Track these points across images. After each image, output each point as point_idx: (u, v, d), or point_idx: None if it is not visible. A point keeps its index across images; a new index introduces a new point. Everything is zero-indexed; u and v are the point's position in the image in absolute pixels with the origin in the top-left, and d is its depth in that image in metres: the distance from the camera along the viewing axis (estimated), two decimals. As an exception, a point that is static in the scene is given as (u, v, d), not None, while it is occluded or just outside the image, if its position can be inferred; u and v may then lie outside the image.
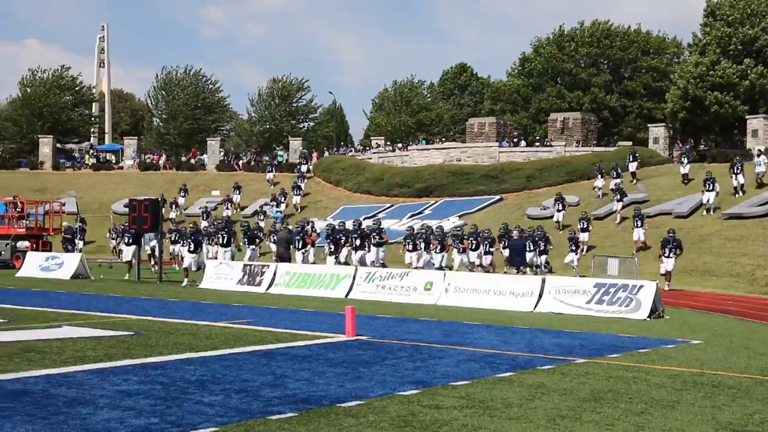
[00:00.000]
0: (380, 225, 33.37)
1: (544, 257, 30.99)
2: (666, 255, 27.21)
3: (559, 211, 40.78)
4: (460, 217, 45.40)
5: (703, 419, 8.35)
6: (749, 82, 51.87)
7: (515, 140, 59.83)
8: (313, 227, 36.55)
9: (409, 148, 62.14)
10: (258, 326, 15.78)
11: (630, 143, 58.11)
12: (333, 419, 7.88)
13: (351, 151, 68.86)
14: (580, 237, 34.56)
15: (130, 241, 31.04)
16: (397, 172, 55.52)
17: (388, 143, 66.70)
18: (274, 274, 26.13)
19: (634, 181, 43.78)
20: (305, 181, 56.74)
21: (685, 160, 42.62)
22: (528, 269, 30.41)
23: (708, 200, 36.40)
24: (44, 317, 16.84)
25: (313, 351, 12.67)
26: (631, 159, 44.31)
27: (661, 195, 40.78)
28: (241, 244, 34.22)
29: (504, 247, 33.47)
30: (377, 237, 30.53)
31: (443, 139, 69.79)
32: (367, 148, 67.94)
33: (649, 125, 57.31)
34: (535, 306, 20.73)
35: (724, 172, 38.96)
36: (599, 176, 43.25)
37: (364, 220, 37.75)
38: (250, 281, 26.37)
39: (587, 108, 67.19)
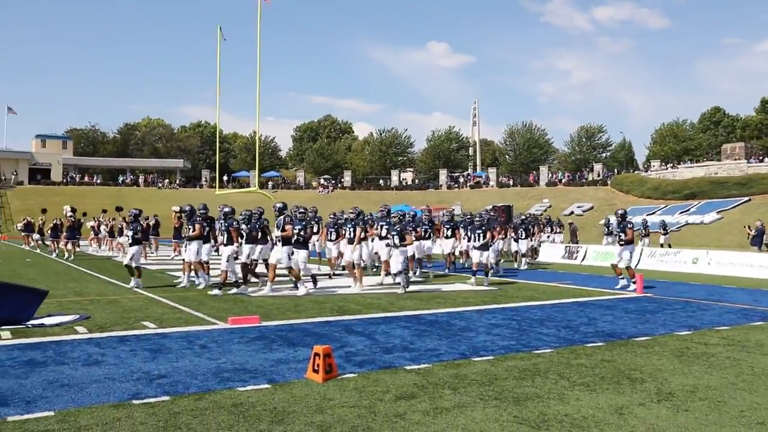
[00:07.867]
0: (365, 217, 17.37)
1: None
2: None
3: (664, 234, 31.29)
4: (718, 213, 40.69)
5: None
6: None
7: (760, 158, 52.83)
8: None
9: (677, 166, 57.23)
10: (576, 285, 15.25)
11: None
12: (629, 348, 7.42)
13: (639, 170, 64.62)
14: None
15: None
16: (670, 183, 51.41)
17: (662, 163, 61.78)
18: (586, 251, 25.11)
19: None
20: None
21: None
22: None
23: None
24: (445, 278, 17.51)
25: (614, 302, 11.99)
26: None
27: None
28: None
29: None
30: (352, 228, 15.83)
31: (704, 159, 63.09)
32: (647, 168, 63.36)
33: None
34: (780, 275, 17.94)
35: None
36: None
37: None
38: (570, 256, 25.54)
39: (820, 131, 57.23)
